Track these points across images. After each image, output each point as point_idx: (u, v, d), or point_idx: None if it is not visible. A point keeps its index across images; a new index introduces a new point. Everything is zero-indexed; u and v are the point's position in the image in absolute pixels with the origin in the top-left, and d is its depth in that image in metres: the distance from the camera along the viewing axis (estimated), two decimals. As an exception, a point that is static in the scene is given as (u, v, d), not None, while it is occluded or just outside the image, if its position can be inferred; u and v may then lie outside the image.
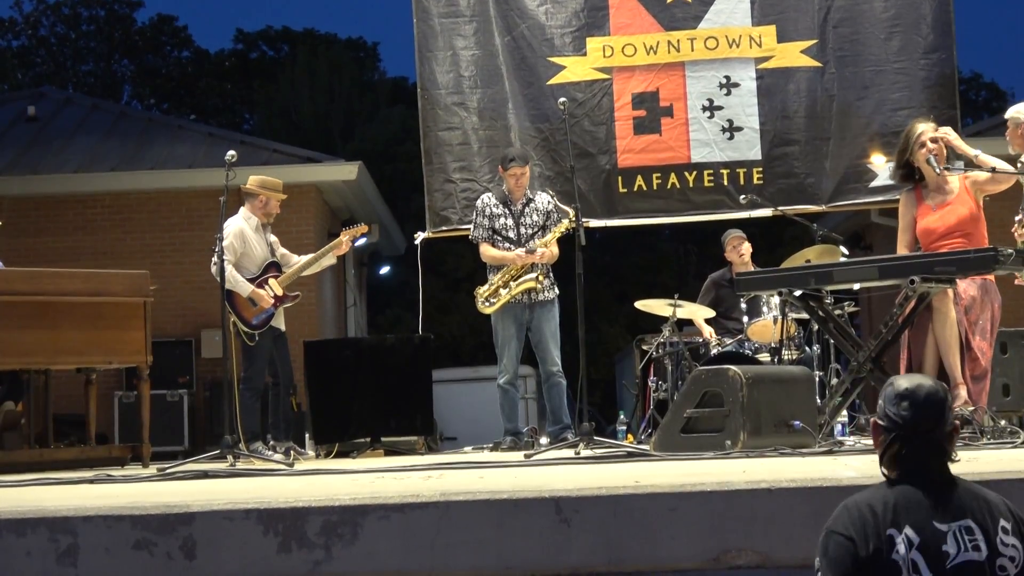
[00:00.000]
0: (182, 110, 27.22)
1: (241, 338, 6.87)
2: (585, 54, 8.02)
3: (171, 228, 11.46)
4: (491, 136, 8.01)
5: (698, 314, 7.92)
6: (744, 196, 7.64)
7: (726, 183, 7.93)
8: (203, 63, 28.94)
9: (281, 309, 7.02)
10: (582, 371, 5.70)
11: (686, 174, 7.96)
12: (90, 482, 4.86)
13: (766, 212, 7.88)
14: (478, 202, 7.31)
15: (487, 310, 7.12)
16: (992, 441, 4.98)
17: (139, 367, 6.67)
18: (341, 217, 12.62)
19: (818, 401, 5.85)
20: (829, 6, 7.95)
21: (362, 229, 7.42)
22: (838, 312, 6.73)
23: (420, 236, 8.05)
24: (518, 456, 5.69)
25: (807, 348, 7.45)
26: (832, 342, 7.24)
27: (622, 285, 22.36)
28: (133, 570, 3.27)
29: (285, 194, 7.31)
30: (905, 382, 2.68)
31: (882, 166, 7.65)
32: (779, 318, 6.99)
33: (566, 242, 6.78)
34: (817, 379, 6.73)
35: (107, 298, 6.52)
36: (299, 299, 7.23)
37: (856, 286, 6.08)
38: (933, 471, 2.63)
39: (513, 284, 7.03)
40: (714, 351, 7.46)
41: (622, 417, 9.68)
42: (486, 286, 7.12)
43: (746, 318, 7.38)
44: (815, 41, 7.95)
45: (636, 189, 7.98)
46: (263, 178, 7.27)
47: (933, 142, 5.57)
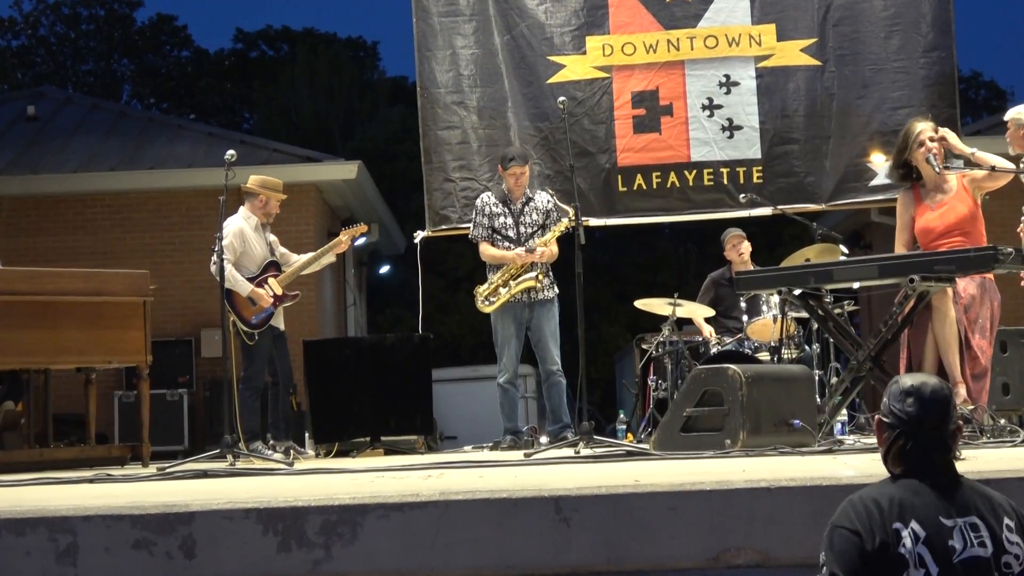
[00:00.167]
0: (182, 110, 27.22)
1: (241, 337, 6.87)
2: (585, 53, 8.02)
3: (171, 228, 11.46)
4: (491, 135, 8.01)
5: (698, 313, 7.92)
6: (744, 195, 7.64)
7: (726, 182, 7.93)
8: (203, 63, 28.94)
9: (281, 308, 7.02)
10: (582, 370, 5.69)
11: (686, 173, 7.96)
12: (90, 481, 4.86)
13: (766, 211, 7.88)
14: (477, 201, 7.31)
15: (487, 309, 7.12)
16: (992, 440, 4.98)
17: (139, 366, 6.67)
18: (341, 216, 12.62)
19: (818, 400, 5.85)
20: (829, 5, 7.95)
21: (362, 228, 7.42)
22: (838, 311, 6.73)
23: (420, 235, 8.05)
24: (518, 455, 5.68)
25: (807, 347, 7.45)
26: (832, 341, 7.25)
27: (622, 284, 22.36)
28: (133, 569, 3.27)
29: (285, 194, 7.32)
30: (910, 379, 2.70)
31: (882, 165, 7.65)
32: (779, 317, 6.99)
33: (566, 241, 6.78)
34: (817, 378, 6.73)
35: (107, 298, 6.52)
36: (299, 298, 7.23)
37: (856, 285, 6.07)
38: (938, 468, 2.64)
39: (513, 283, 7.03)
40: (714, 350, 7.46)
41: (622, 416, 9.68)
42: (486, 285, 7.12)
43: (746, 317, 7.38)
44: (815, 40, 7.94)
45: (636, 188, 7.98)
46: (263, 178, 7.27)
47: (932, 141, 5.57)
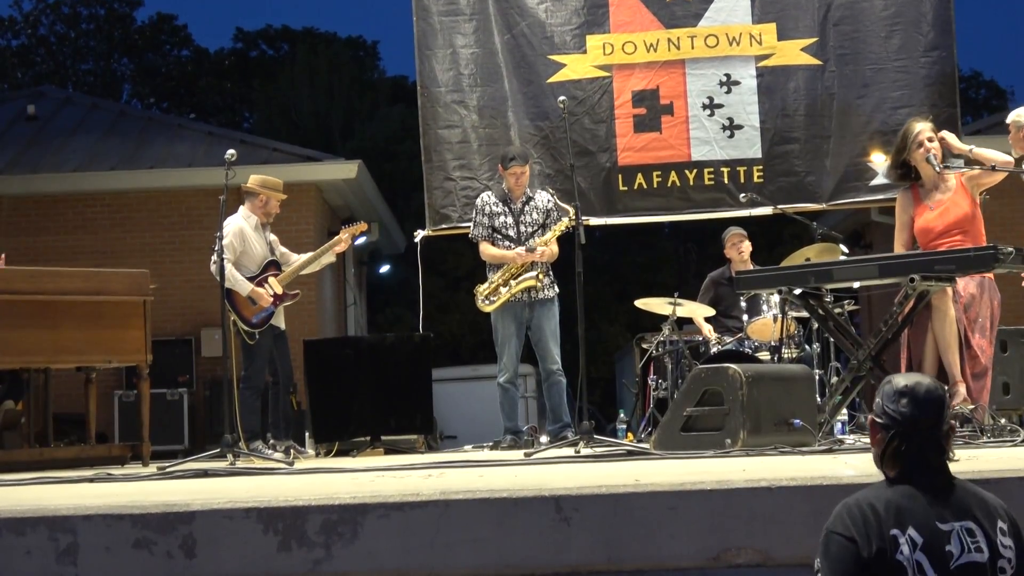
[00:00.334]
0: (182, 109, 27.22)
1: (241, 337, 6.87)
2: (585, 52, 8.02)
3: (171, 227, 11.46)
4: (491, 134, 8.00)
5: (698, 312, 7.92)
6: (744, 194, 7.64)
7: (726, 181, 7.92)
8: (203, 62, 28.94)
9: (281, 308, 7.02)
10: (582, 370, 5.69)
11: (686, 172, 7.95)
12: (90, 481, 4.85)
13: (766, 210, 7.88)
14: (477, 200, 7.30)
15: (487, 308, 7.12)
16: (992, 439, 4.98)
17: (139, 366, 6.67)
18: (341, 216, 12.62)
19: (818, 399, 5.84)
20: (829, 4, 7.94)
21: (362, 227, 7.42)
22: (838, 310, 6.72)
23: (420, 234, 8.04)
24: (518, 455, 5.68)
25: (807, 346, 7.45)
26: (832, 340, 7.24)
27: (622, 284, 22.37)
28: (133, 569, 3.27)
29: (285, 194, 7.32)
30: (904, 380, 2.67)
31: (882, 164, 7.64)
32: (779, 316, 6.99)
33: (566, 240, 6.78)
34: (817, 377, 6.73)
35: (107, 297, 6.52)
36: (299, 298, 7.23)
37: (856, 284, 6.08)
38: (934, 470, 2.61)
39: (513, 282, 7.02)
40: (714, 349, 7.46)
41: (622, 416, 9.68)
42: (486, 284, 7.12)
43: (746, 316, 7.38)
44: (815, 39, 7.94)
45: (636, 187, 7.98)
46: (264, 177, 7.27)
47: (930, 141, 5.57)
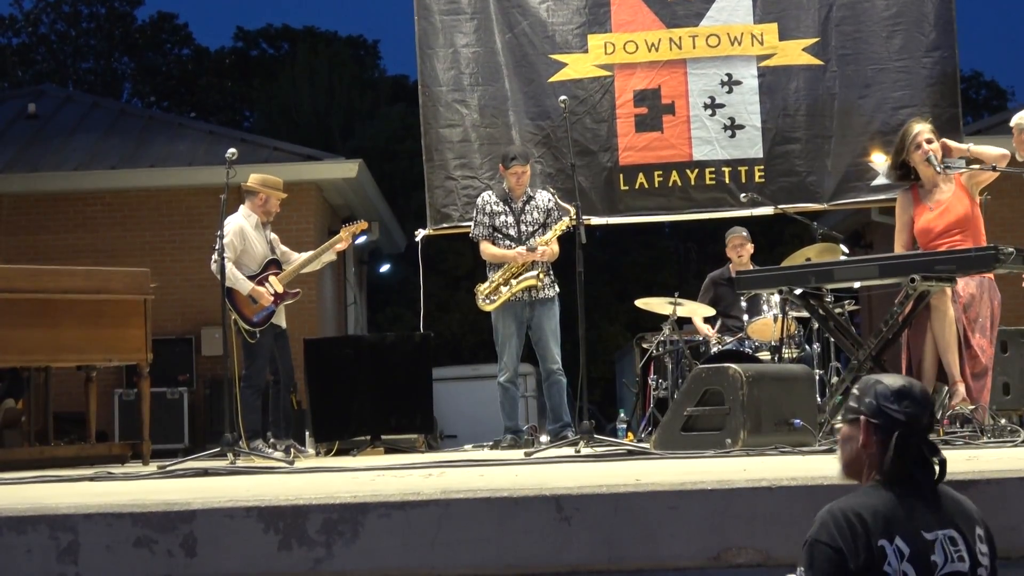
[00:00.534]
0: (182, 108, 27.22)
1: (242, 336, 6.87)
2: (587, 51, 8.02)
3: (171, 226, 11.46)
4: (492, 133, 8.00)
5: (698, 313, 7.92)
6: (744, 194, 7.64)
7: (728, 181, 7.92)
8: (203, 61, 28.94)
9: (282, 306, 7.03)
10: (582, 369, 5.69)
11: (688, 172, 7.95)
12: (91, 479, 4.85)
13: (767, 210, 7.88)
14: (478, 200, 7.30)
15: (487, 308, 7.12)
16: (992, 440, 4.98)
17: (139, 365, 6.67)
18: (341, 215, 12.62)
19: (818, 399, 5.85)
20: (831, 4, 7.94)
21: (362, 225, 7.42)
22: (838, 310, 6.72)
23: (421, 233, 8.03)
24: (518, 454, 5.68)
25: (807, 346, 7.45)
26: (832, 340, 7.24)
27: (622, 283, 22.37)
28: (134, 567, 3.27)
29: (285, 192, 7.32)
30: (897, 380, 2.61)
31: (882, 164, 7.63)
32: (779, 316, 6.99)
33: (567, 240, 6.78)
34: (817, 377, 6.73)
35: (107, 296, 6.52)
36: (299, 296, 7.23)
37: (856, 284, 6.08)
38: (926, 473, 2.56)
39: (514, 282, 7.02)
40: (714, 349, 7.46)
41: (622, 415, 9.69)
42: (486, 283, 7.12)
43: (746, 316, 7.38)
44: (817, 39, 7.94)
45: (638, 187, 7.97)
46: (264, 176, 7.27)
47: (929, 142, 5.57)
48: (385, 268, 19.02)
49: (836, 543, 2.44)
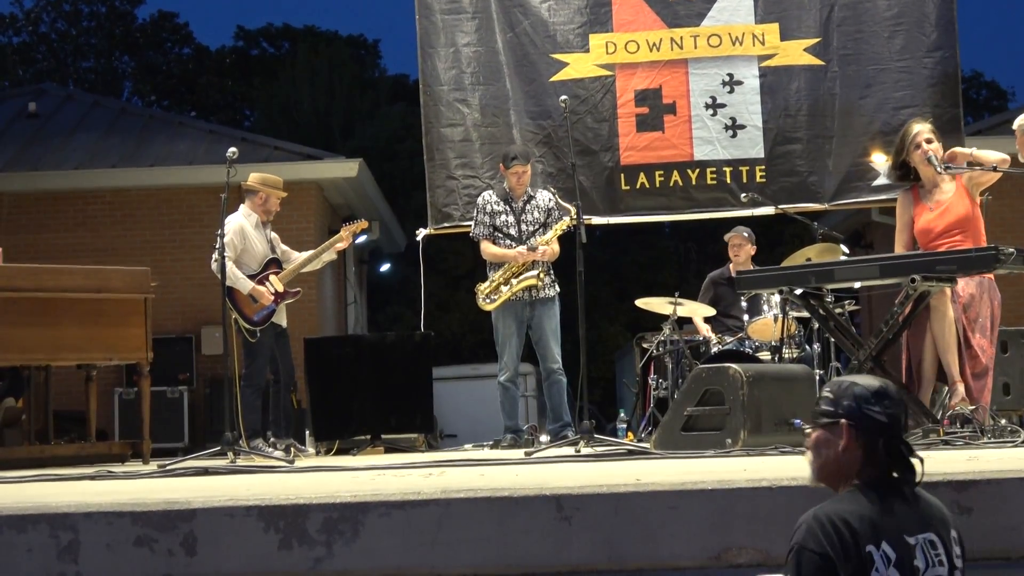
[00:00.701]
0: (183, 107, 27.23)
1: (242, 335, 6.87)
2: (588, 51, 8.01)
3: (172, 225, 11.46)
4: (493, 133, 8.00)
5: (698, 313, 7.92)
6: (745, 194, 7.64)
7: (729, 181, 7.92)
8: (204, 60, 28.95)
9: (283, 306, 7.03)
10: (582, 369, 5.69)
11: (689, 172, 7.95)
12: (91, 478, 4.85)
13: (768, 210, 7.87)
14: (479, 199, 7.30)
15: (488, 307, 7.11)
16: (993, 440, 4.98)
17: (139, 364, 6.67)
18: (341, 214, 12.63)
19: (819, 399, 5.83)
20: (832, 4, 7.94)
21: (362, 225, 7.42)
22: (839, 310, 6.73)
23: (422, 232, 8.03)
24: (518, 454, 5.68)
25: (807, 346, 7.45)
26: (832, 340, 7.24)
27: (622, 283, 22.38)
28: (134, 566, 3.26)
29: (285, 192, 7.32)
30: (872, 381, 2.56)
31: (883, 164, 7.64)
32: (780, 316, 6.99)
33: (567, 240, 6.78)
34: (817, 377, 6.73)
35: (108, 294, 6.52)
36: (300, 296, 7.23)
37: (857, 284, 6.07)
38: (907, 475, 2.52)
39: (514, 281, 7.02)
40: (714, 349, 7.46)
41: (622, 415, 9.70)
42: (487, 283, 7.12)
43: (746, 316, 7.38)
44: (818, 39, 7.94)
45: (639, 186, 7.97)
46: (264, 175, 7.28)
47: (928, 142, 5.57)
48: (385, 267, 19.02)
49: (823, 549, 2.39)
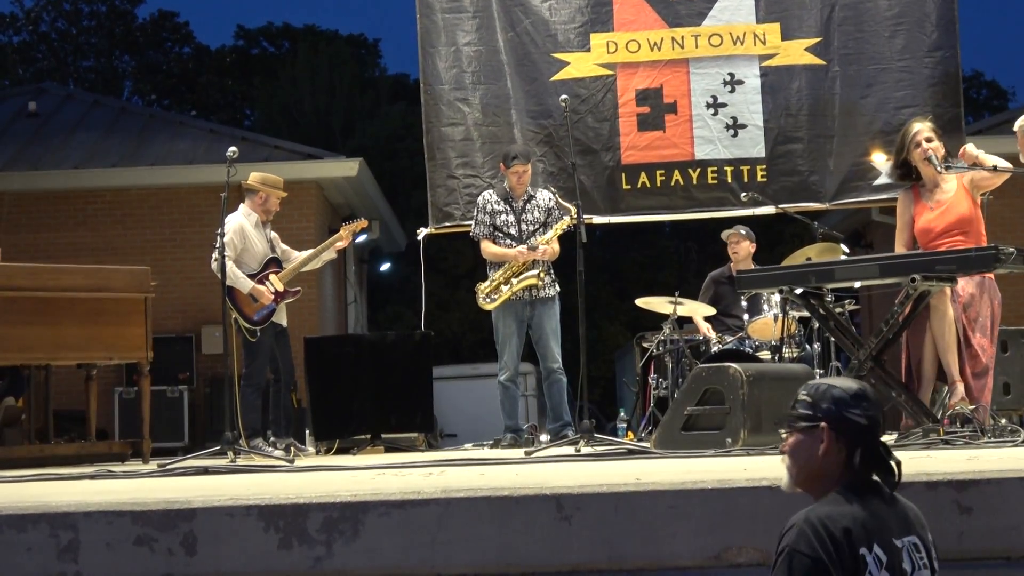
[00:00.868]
0: (183, 106, 27.23)
1: (243, 334, 6.87)
2: (589, 50, 8.01)
3: (172, 224, 11.47)
4: (494, 132, 7.99)
5: (698, 312, 7.92)
6: (745, 194, 7.64)
7: (730, 180, 7.92)
8: (204, 59, 28.95)
9: (283, 305, 7.03)
10: (582, 368, 5.69)
11: (690, 171, 7.95)
12: (91, 478, 4.85)
13: (769, 209, 7.87)
14: (479, 199, 7.30)
15: (488, 307, 7.11)
16: (993, 439, 4.97)
17: (139, 363, 6.67)
18: (342, 213, 12.63)
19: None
20: (833, 4, 7.93)
21: (362, 224, 7.43)
22: (839, 310, 6.73)
23: (423, 232, 8.02)
24: (519, 453, 5.68)
25: (807, 346, 7.45)
26: (833, 340, 7.24)
27: (622, 282, 22.39)
28: (134, 566, 3.26)
29: (286, 192, 7.32)
30: (850, 383, 2.53)
31: (883, 164, 7.64)
32: (780, 316, 6.99)
33: (567, 239, 6.78)
34: (817, 377, 6.73)
35: (108, 294, 6.53)
36: (300, 295, 7.23)
37: (857, 284, 6.07)
38: (887, 477, 2.50)
39: (514, 281, 7.02)
40: (714, 349, 7.46)
41: (622, 415, 9.70)
42: (487, 282, 7.12)
43: (747, 316, 7.38)
44: (819, 39, 7.93)
45: (640, 186, 7.97)
46: (264, 175, 7.28)
47: (928, 141, 5.57)
48: (385, 267, 19.03)
49: (816, 553, 2.35)
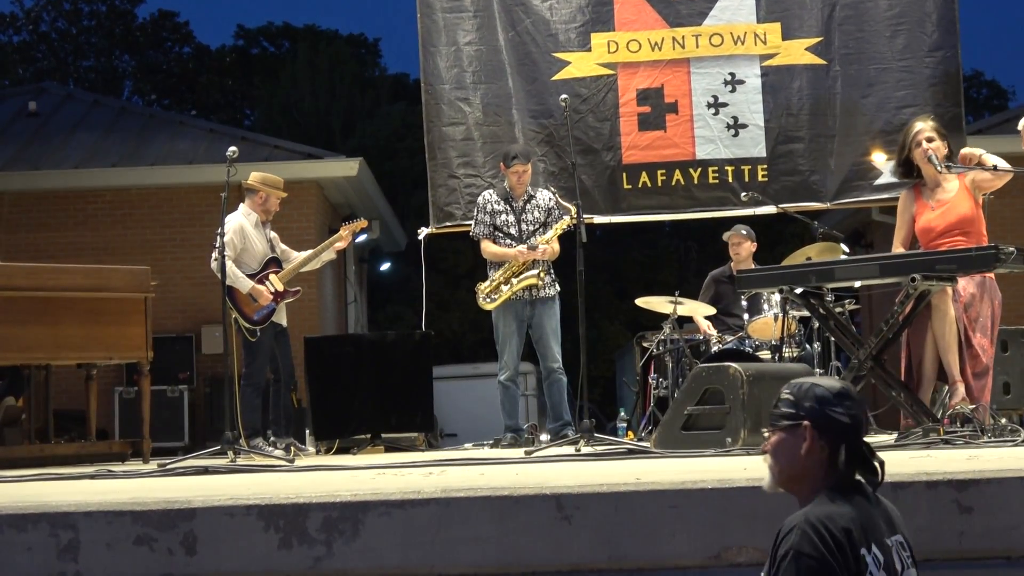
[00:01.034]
0: (183, 106, 27.22)
1: (242, 334, 6.87)
2: (590, 50, 8.01)
3: (172, 224, 11.46)
4: (494, 132, 7.99)
5: (699, 311, 7.91)
6: (745, 193, 7.64)
7: (731, 180, 7.91)
8: (204, 59, 28.94)
9: (283, 305, 7.03)
10: (583, 368, 5.69)
11: (691, 171, 7.95)
12: (91, 477, 4.85)
13: (770, 209, 7.87)
14: (479, 199, 7.30)
15: (488, 306, 7.11)
16: (993, 439, 4.97)
17: (140, 363, 6.67)
18: (342, 213, 12.63)
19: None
20: (834, 4, 7.93)
21: (362, 224, 7.43)
22: (839, 310, 6.72)
23: (423, 232, 8.01)
24: (519, 453, 5.68)
25: (808, 346, 7.45)
26: (833, 340, 7.24)
27: (622, 282, 22.38)
28: (134, 565, 3.26)
29: (286, 192, 7.32)
30: (833, 382, 2.52)
31: (883, 164, 7.64)
32: (780, 315, 6.99)
33: (567, 239, 6.78)
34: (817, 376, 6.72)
35: (108, 294, 6.53)
36: (300, 295, 7.23)
37: (857, 284, 6.07)
38: (871, 477, 2.48)
39: (514, 280, 7.02)
40: (714, 348, 7.45)
41: (622, 414, 9.70)
42: (487, 282, 7.11)
43: (747, 315, 7.37)
44: (820, 39, 7.93)
45: (641, 185, 7.97)
46: (264, 175, 7.27)
47: (929, 141, 5.56)
48: (385, 266, 19.02)
49: (822, 554, 2.33)
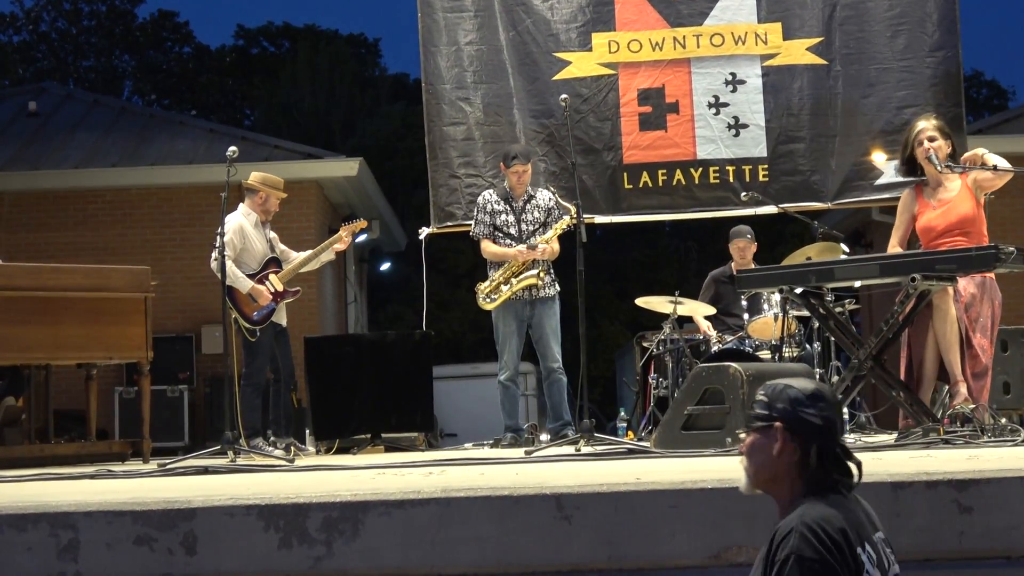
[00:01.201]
0: (183, 106, 27.22)
1: (242, 334, 6.87)
2: (590, 50, 8.01)
3: (172, 224, 11.46)
4: (495, 131, 7.99)
5: (699, 311, 7.91)
6: (745, 193, 7.63)
7: (732, 180, 7.91)
8: (204, 59, 28.95)
9: (282, 305, 7.03)
10: (583, 368, 5.69)
11: (692, 171, 7.95)
12: (91, 477, 4.85)
13: (770, 209, 7.87)
14: (479, 199, 7.30)
15: (488, 306, 7.11)
16: (993, 439, 4.97)
17: (140, 363, 6.67)
18: (342, 213, 12.63)
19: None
20: (835, 4, 7.93)
21: (361, 224, 7.42)
22: (839, 310, 6.72)
23: (424, 231, 8.01)
24: (519, 453, 5.68)
25: (808, 345, 7.45)
26: (833, 340, 7.24)
27: (622, 282, 22.38)
28: (134, 565, 3.26)
29: (285, 193, 7.31)
30: (807, 383, 2.52)
31: (883, 164, 7.64)
32: (780, 315, 6.99)
33: (567, 239, 6.78)
34: (817, 377, 6.73)
35: (108, 294, 6.53)
36: (299, 295, 7.23)
37: (857, 283, 6.07)
38: (847, 478, 2.48)
39: (514, 280, 7.02)
40: (715, 348, 7.45)
41: (622, 414, 9.69)
42: (487, 282, 7.11)
43: (747, 315, 7.37)
44: (821, 39, 7.93)
45: (642, 185, 7.97)
46: (264, 175, 7.27)
47: (931, 140, 5.57)
48: (386, 266, 19.02)
49: (823, 556, 2.34)
